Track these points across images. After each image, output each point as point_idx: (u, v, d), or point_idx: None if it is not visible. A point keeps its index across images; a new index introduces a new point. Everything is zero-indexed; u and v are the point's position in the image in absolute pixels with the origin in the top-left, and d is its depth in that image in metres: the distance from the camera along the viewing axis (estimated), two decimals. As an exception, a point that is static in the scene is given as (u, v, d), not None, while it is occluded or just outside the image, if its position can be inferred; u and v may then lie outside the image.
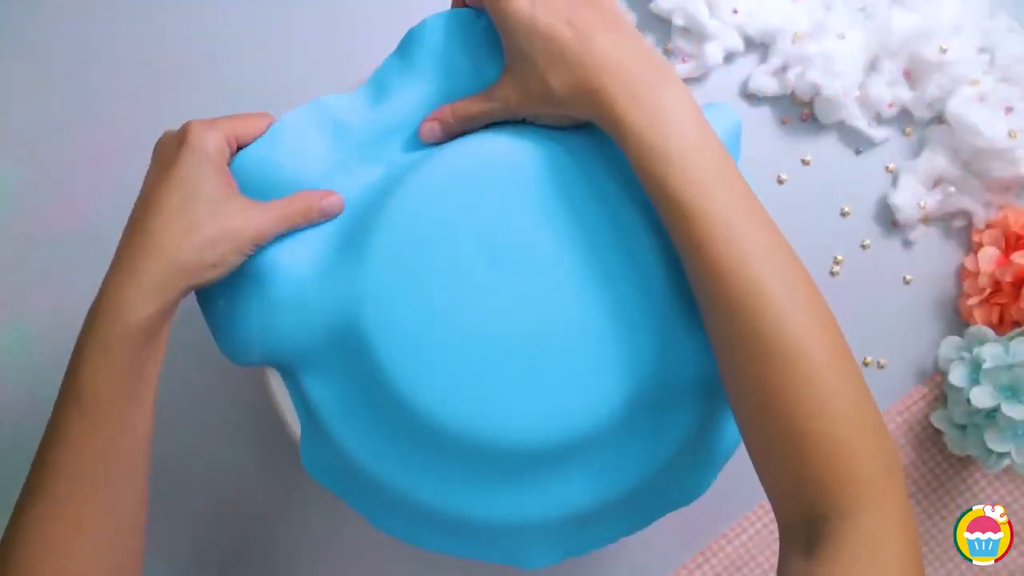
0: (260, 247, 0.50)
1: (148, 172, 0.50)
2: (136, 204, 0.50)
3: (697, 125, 0.47)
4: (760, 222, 0.46)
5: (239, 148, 0.52)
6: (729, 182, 0.46)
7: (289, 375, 0.54)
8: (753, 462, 0.48)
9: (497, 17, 0.50)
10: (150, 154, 0.74)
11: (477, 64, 0.53)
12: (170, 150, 0.49)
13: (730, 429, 0.54)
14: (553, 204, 0.51)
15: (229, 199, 0.48)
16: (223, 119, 0.50)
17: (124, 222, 0.73)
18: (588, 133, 0.53)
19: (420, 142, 0.54)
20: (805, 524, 0.45)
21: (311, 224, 0.52)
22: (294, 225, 0.51)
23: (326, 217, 0.52)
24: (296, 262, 0.52)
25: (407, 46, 0.54)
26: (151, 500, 0.74)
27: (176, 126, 0.74)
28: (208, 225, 0.47)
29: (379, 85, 0.54)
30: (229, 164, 0.51)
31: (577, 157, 0.51)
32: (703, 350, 0.51)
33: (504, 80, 0.51)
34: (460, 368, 0.50)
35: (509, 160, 0.51)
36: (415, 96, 0.54)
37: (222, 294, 0.53)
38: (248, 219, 0.48)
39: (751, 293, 0.44)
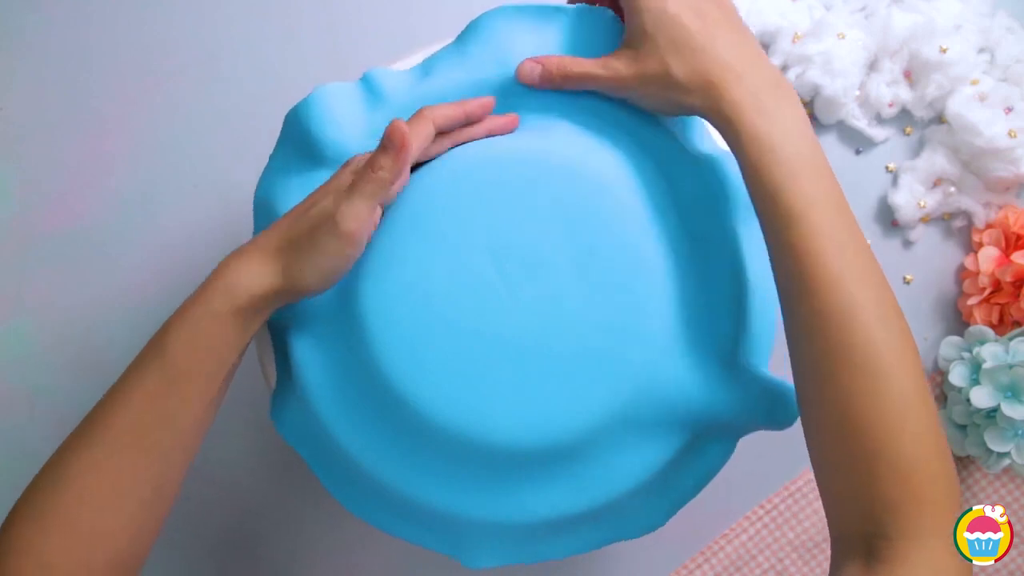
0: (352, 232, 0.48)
1: (333, 182, 0.49)
2: (303, 208, 0.49)
3: (812, 140, 0.48)
4: (860, 241, 0.47)
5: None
6: (835, 196, 0.47)
7: (278, 334, 0.54)
8: (818, 472, 0.48)
9: None
10: (150, 154, 0.74)
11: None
12: (325, 214, 0.47)
13: (695, 472, 0.54)
14: (561, 210, 0.50)
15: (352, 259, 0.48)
16: (358, 189, 0.47)
17: (124, 221, 0.74)
18: (606, 135, 0.53)
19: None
20: (865, 538, 0.45)
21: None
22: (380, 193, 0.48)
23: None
24: None
25: (463, 36, 0.55)
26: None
27: (174, 127, 0.75)
28: (332, 268, 0.47)
29: (428, 67, 0.55)
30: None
31: (594, 164, 0.51)
32: (694, 382, 0.51)
33: (621, 54, 0.51)
34: (451, 363, 0.50)
35: (517, 162, 0.51)
36: (463, 78, 0.54)
37: None
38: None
39: (849, 307, 0.45)
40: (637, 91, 0.51)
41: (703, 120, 0.54)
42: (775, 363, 0.54)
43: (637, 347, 0.50)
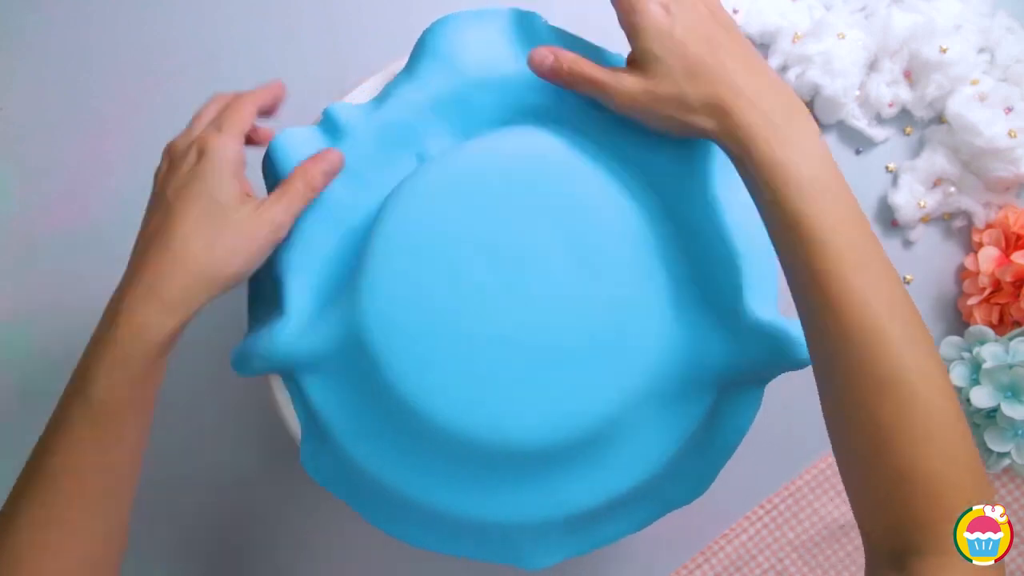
0: (281, 239, 0.51)
1: (162, 178, 0.51)
2: (153, 213, 0.50)
3: (830, 163, 0.47)
4: (884, 262, 0.46)
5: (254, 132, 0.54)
6: (857, 218, 0.46)
7: (290, 378, 0.54)
8: (848, 489, 0.48)
9: (630, 14, 0.49)
10: (149, 154, 0.74)
11: (489, 62, 0.54)
12: (187, 161, 0.50)
13: (730, 428, 0.54)
14: (546, 202, 0.51)
15: (244, 204, 0.49)
16: (229, 120, 0.51)
17: (124, 221, 0.73)
18: (597, 126, 0.53)
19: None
20: (898, 553, 0.45)
21: (321, 191, 0.52)
22: (306, 201, 0.51)
23: (332, 177, 0.52)
24: (306, 278, 0.53)
25: (412, 56, 0.55)
26: (153, 502, 0.74)
27: (174, 127, 0.74)
28: (227, 235, 0.48)
29: (384, 94, 0.55)
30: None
31: (579, 155, 0.51)
32: (704, 343, 0.51)
33: (632, 74, 0.50)
34: (461, 369, 0.50)
35: (508, 160, 0.51)
36: (417, 99, 0.54)
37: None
38: (263, 219, 0.49)
39: (874, 330, 0.44)
40: (646, 110, 0.50)
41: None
42: (783, 307, 0.54)
43: (642, 326, 0.50)
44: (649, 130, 0.51)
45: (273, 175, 0.54)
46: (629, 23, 0.50)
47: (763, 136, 0.46)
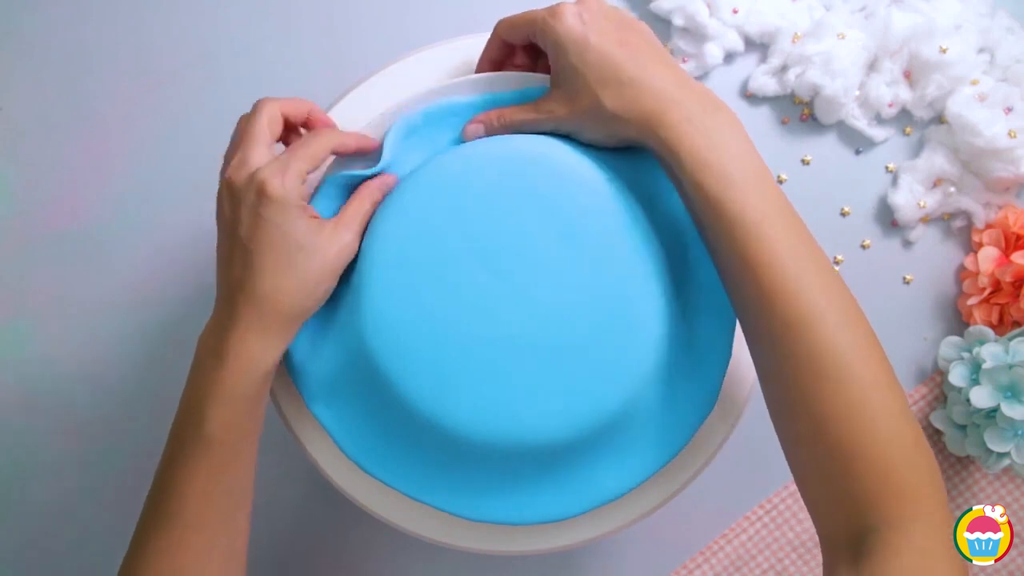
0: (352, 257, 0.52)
1: (228, 220, 0.50)
2: (232, 258, 0.50)
3: (756, 158, 0.48)
4: (815, 250, 0.47)
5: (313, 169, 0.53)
6: (783, 206, 0.47)
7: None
8: (798, 478, 0.48)
9: (546, 34, 0.51)
10: (149, 154, 0.74)
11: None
12: (247, 202, 0.49)
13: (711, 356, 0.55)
14: (548, 205, 0.51)
15: (318, 235, 0.49)
16: (298, 160, 0.50)
17: (124, 221, 0.74)
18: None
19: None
20: (852, 536, 0.45)
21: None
22: (368, 220, 0.52)
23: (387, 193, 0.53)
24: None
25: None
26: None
27: (174, 127, 0.75)
28: (311, 270, 0.49)
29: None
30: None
31: (571, 153, 0.52)
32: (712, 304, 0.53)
33: (552, 94, 0.52)
34: (470, 374, 0.50)
35: (503, 162, 0.51)
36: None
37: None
38: (336, 245, 0.50)
39: (809, 315, 0.45)
40: (575, 127, 0.52)
41: None
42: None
43: (641, 316, 0.50)
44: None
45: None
46: (546, 40, 0.51)
47: (687, 135, 0.47)
